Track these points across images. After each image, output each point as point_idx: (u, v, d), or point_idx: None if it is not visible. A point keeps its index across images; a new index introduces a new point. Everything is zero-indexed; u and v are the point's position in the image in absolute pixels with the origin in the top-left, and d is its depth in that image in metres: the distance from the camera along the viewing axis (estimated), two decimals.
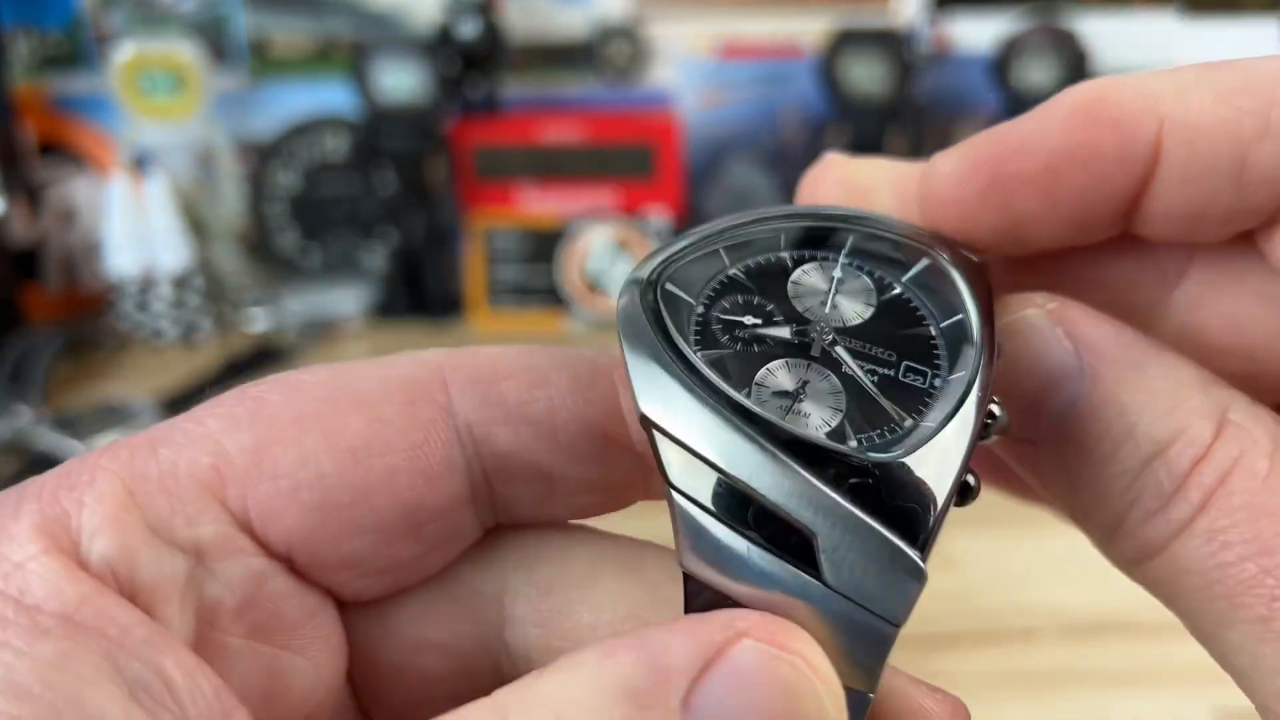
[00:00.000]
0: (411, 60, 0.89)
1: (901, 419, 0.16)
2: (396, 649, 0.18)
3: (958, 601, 0.52)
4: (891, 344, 0.18)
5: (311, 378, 0.17)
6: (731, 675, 0.14)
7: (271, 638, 0.17)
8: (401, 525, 0.17)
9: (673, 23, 1.01)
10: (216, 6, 0.99)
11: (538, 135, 0.92)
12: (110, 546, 0.15)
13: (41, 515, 0.15)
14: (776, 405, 0.16)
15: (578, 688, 0.14)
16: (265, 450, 0.16)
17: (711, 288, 0.17)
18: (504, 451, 0.18)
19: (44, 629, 0.13)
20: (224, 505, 0.16)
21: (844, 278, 0.18)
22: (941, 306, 0.18)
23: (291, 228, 1.00)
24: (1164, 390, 0.17)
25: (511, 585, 0.18)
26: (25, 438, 0.70)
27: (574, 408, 0.18)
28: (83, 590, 0.14)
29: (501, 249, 0.95)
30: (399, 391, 0.17)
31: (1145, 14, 1.00)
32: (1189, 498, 0.16)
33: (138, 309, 0.90)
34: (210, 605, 0.16)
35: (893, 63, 0.92)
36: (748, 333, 0.17)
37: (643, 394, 0.16)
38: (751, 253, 0.18)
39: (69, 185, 0.96)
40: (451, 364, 0.18)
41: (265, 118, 1.00)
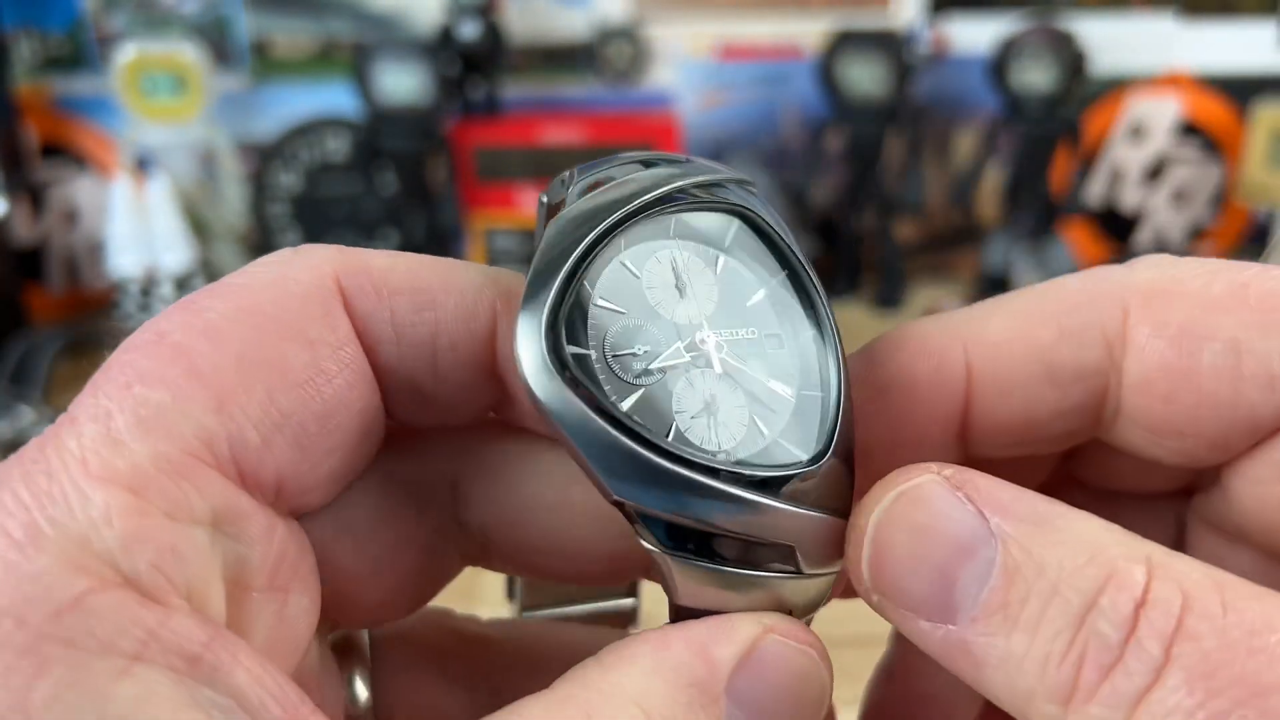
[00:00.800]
0: (412, 61, 0.89)
1: (786, 392, 0.19)
2: (370, 556, 0.20)
3: None
4: (746, 319, 0.19)
5: (219, 312, 0.17)
6: (762, 664, 0.17)
7: (279, 583, 0.17)
8: (358, 433, 0.18)
9: (672, 24, 1.01)
10: (218, 8, 0.99)
11: (538, 136, 0.92)
12: (150, 556, 0.15)
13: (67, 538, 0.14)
14: (702, 426, 0.18)
15: (646, 677, 0.16)
16: (229, 403, 0.16)
17: (594, 328, 0.18)
18: (382, 365, 0.19)
19: (120, 670, 0.14)
20: (215, 468, 0.16)
21: (682, 267, 0.19)
22: (763, 262, 0.20)
23: (293, 228, 1.00)
24: (1079, 542, 0.16)
25: (460, 470, 0.20)
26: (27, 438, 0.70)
27: (454, 334, 0.19)
28: (147, 625, 0.14)
29: (502, 249, 0.95)
30: (311, 306, 0.18)
31: (1143, 15, 1.01)
32: (1146, 647, 0.15)
33: (140, 309, 0.90)
34: (234, 568, 0.16)
35: (892, 64, 0.92)
36: (643, 363, 0.18)
37: (611, 483, 0.17)
38: (600, 270, 0.18)
39: (71, 186, 0.97)
40: (345, 270, 0.18)
41: (267, 118, 1.00)
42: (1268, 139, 0.97)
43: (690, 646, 0.17)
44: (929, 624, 0.17)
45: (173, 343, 0.16)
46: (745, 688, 0.17)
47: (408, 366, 0.19)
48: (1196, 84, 1.02)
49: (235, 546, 0.16)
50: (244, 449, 0.16)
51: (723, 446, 0.18)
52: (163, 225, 0.88)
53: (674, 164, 0.20)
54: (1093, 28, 0.97)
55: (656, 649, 0.17)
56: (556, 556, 0.21)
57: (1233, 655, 0.14)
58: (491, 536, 0.21)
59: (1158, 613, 0.15)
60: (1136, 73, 1.02)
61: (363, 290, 0.18)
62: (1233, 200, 1.02)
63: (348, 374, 0.18)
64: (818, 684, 0.18)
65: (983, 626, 0.16)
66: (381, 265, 0.19)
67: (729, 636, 0.17)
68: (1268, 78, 1.01)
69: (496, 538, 0.21)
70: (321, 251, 0.18)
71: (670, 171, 0.20)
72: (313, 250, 0.18)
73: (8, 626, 0.13)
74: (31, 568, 0.14)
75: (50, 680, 0.13)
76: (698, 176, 0.20)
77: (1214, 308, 0.18)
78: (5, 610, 0.13)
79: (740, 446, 0.18)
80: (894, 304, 0.97)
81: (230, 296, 0.17)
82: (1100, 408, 0.20)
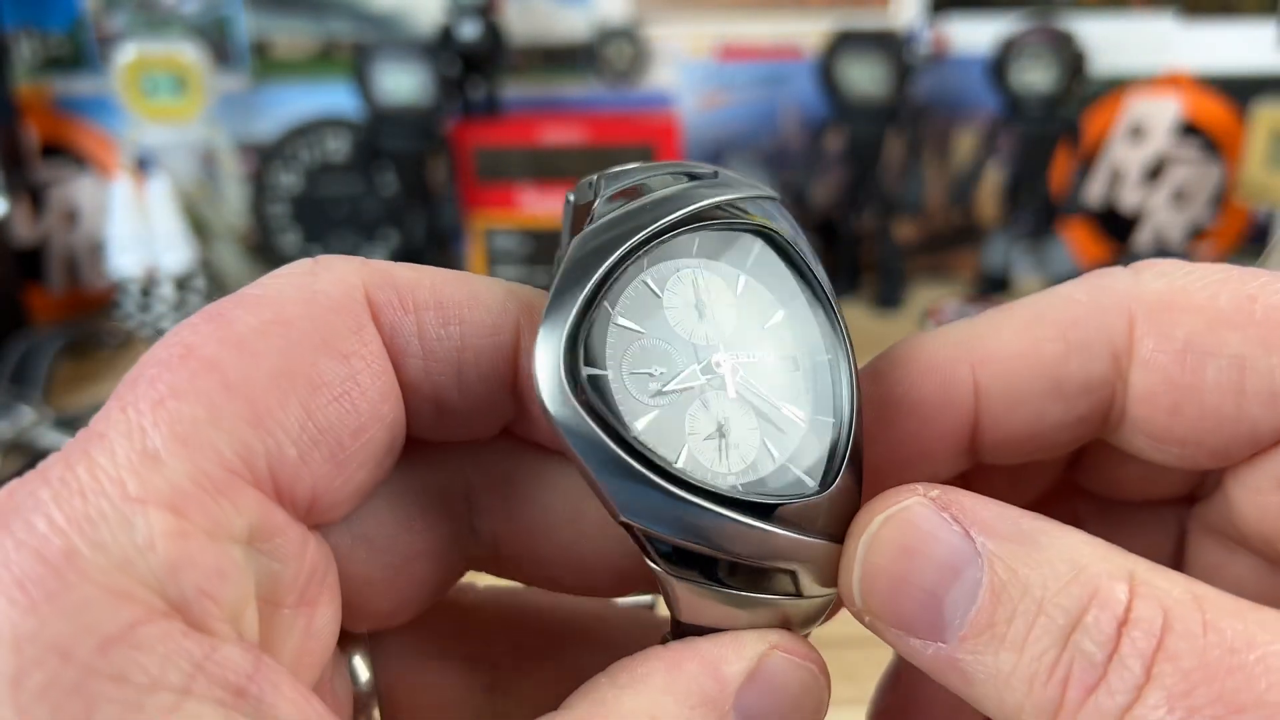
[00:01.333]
0: (413, 61, 0.89)
1: (800, 417, 0.19)
2: (386, 565, 0.20)
3: None
4: (764, 341, 0.19)
5: (249, 325, 0.16)
6: (767, 680, 0.18)
7: (308, 597, 0.17)
8: (386, 446, 0.18)
9: (672, 24, 1.01)
10: (218, 8, 0.99)
11: (538, 136, 0.92)
12: (197, 581, 0.14)
13: (110, 565, 0.14)
14: (713, 449, 0.18)
15: (659, 696, 0.17)
16: (266, 418, 0.16)
17: (612, 347, 0.18)
18: (407, 380, 0.18)
19: (170, 707, 0.13)
20: (253, 484, 0.16)
21: (703, 288, 0.19)
22: (784, 285, 0.20)
23: (293, 228, 1.00)
24: (1063, 559, 0.16)
25: (475, 481, 0.21)
26: (27, 438, 0.70)
27: (480, 348, 0.19)
28: (195, 657, 0.14)
29: (502, 249, 0.96)
30: (343, 319, 0.17)
31: (1143, 16, 1.01)
32: (1128, 665, 0.15)
33: (140, 309, 0.90)
34: (267, 586, 0.16)
35: (891, 64, 0.92)
36: (659, 384, 0.18)
37: (620, 505, 0.17)
38: (621, 289, 0.19)
39: (72, 186, 0.97)
40: (373, 283, 0.18)
41: (267, 119, 1.00)
42: (1267, 139, 0.97)
43: (702, 665, 0.17)
44: (920, 642, 0.17)
45: (203, 356, 0.16)
46: (751, 702, 0.17)
47: (433, 381, 0.19)
48: (1196, 84, 1.02)
49: (269, 564, 0.16)
50: (281, 464, 0.16)
51: (733, 469, 0.18)
52: (163, 225, 0.88)
53: (702, 179, 0.20)
54: (1092, 28, 0.97)
55: (669, 668, 0.17)
56: (566, 569, 0.21)
57: (1211, 674, 0.15)
58: (502, 547, 0.21)
59: (1139, 631, 0.15)
60: (1136, 73, 1.02)
61: (391, 304, 0.18)
62: (1232, 200, 1.02)
63: (380, 386, 0.18)
64: (817, 697, 0.18)
65: (971, 645, 0.16)
66: (408, 279, 0.18)
67: (738, 654, 0.18)
68: (1267, 78, 1.01)
69: (507, 549, 0.21)
70: (346, 264, 0.18)
71: (698, 187, 0.20)
72: (336, 262, 0.18)
73: (54, 664, 0.13)
74: (75, 597, 0.13)
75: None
76: (725, 193, 0.20)
77: (1220, 322, 0.18)
78: (51, 645, 0.13)
79: (750, 470, 0.18)
80: (894, 304, 0.97)
81: (258, 308, 0.17)
82: (1105, 417, 0.20)
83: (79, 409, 0.74)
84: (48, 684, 0.13)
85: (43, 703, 0.12)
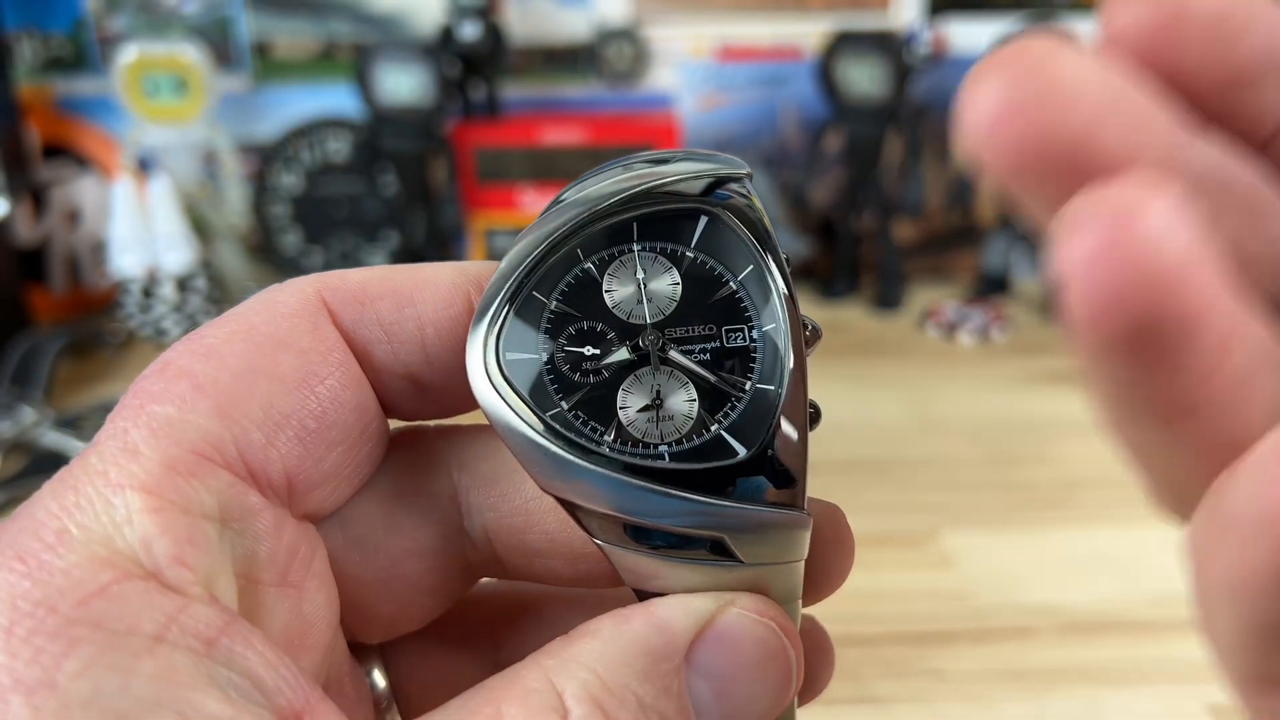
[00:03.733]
0: (413, 62, 0.89)
1: (740, 386, 0.19)
2: (382, 566, 0.21)
3: (954, 600, 0.53)
4: (707, 315, 0.20)
5: (217, 337, 0.19)
6: (722, 636, 0.18)
7: (291, 580, 0.18)
8: (358, 430, 0.20)
9: (672, 25, 1.01)
10: (220, 9, 1.00)
11: (538, 137, 0.92)
12: (169, 549, 0.16)
13: (93, 539, 0.16)
14: (645, 421, 0.19)
15: (604, 646, 0.18)
16: (231, 409, 0.18)
17: (547, 332, 0.20)
18: (379, 364, 0.20)
19: (144, 649, 0.15)
20: (225, 467, 0.18)
21: (645, 268, 0.20)
22: (732, 257, 0.20)
23: (294, 229, 1.00)
24: None
25: (461, 483, 0.22)
26: (29, 438, 0.71)
27: (438, 322, 0.20)
28: (167, 610, 0.15)
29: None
30: (300, 321, 0.19)
31: None
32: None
33: (141, 309, 0.90)
34: (244, 563, 0.18)
35: (891, 65, 0.92)
36: (593, 363, 0.19)
37: (543, 481, 0.19)
38: (559, 275, 0.20)
39: (73, 186, 0.97)
40: (326, 288, 0.20)
41: (268, 119, 1.00)
42: None
43: (648, 620, 0.18)
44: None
45: (177, 366, 0.18)
46: (707, 658, 0.18)
47: (403, 360, 0.20)
48: None
49: (242, 541, 0.18)
50: (250, 448, 0.18)
51: (665, 439, 0.19)
52: (164, 226, 0.89)
53: (656, 163, 0.21)
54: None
55: (617, 622, 0.18)
56: (559, 559, 0.22)
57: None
58: (495, 544, 0.22)
59: None
60: None
61: (345, 302, 0.20)
62: None
63: (339, 375, 0.19)
64: (781, 655, 0.19)
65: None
66: (358, 279, 0.20)
67: (685, 611, 0.18)
68: None
69: (499, 545, 0.22)
70: (303, 278, 0.20)
71: (642, 172, 0.20)
72: (296, 279, 0.20)
73: (40, 614, 0.15)
74: (61, 564, 0.15)
75: (78, 657, 0.14)
76: (675, 175, 0.20)
77: None
78: (39, 601, 0.15)
79: (684, 440, 0.19)
80: (893, 305, 0.97)
81: (225, 324, 0.19)
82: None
83: (80, 409, 0.74)
84: (33, 630, 0.14)
85: (28, 645, 0.14)
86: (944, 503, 0.62)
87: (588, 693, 0.17)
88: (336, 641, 0.20)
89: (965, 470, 0.66)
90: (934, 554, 0.57)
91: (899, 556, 0.57)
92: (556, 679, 0.17)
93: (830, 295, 0.99)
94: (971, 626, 0.50)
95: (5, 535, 0.16)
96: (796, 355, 0.20)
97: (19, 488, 0.64)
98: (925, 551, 0.57)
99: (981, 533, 0.58)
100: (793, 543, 0.19)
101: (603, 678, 0.17)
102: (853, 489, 0.64)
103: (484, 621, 0.24)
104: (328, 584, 0.20)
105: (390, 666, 0.23)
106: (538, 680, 0.17)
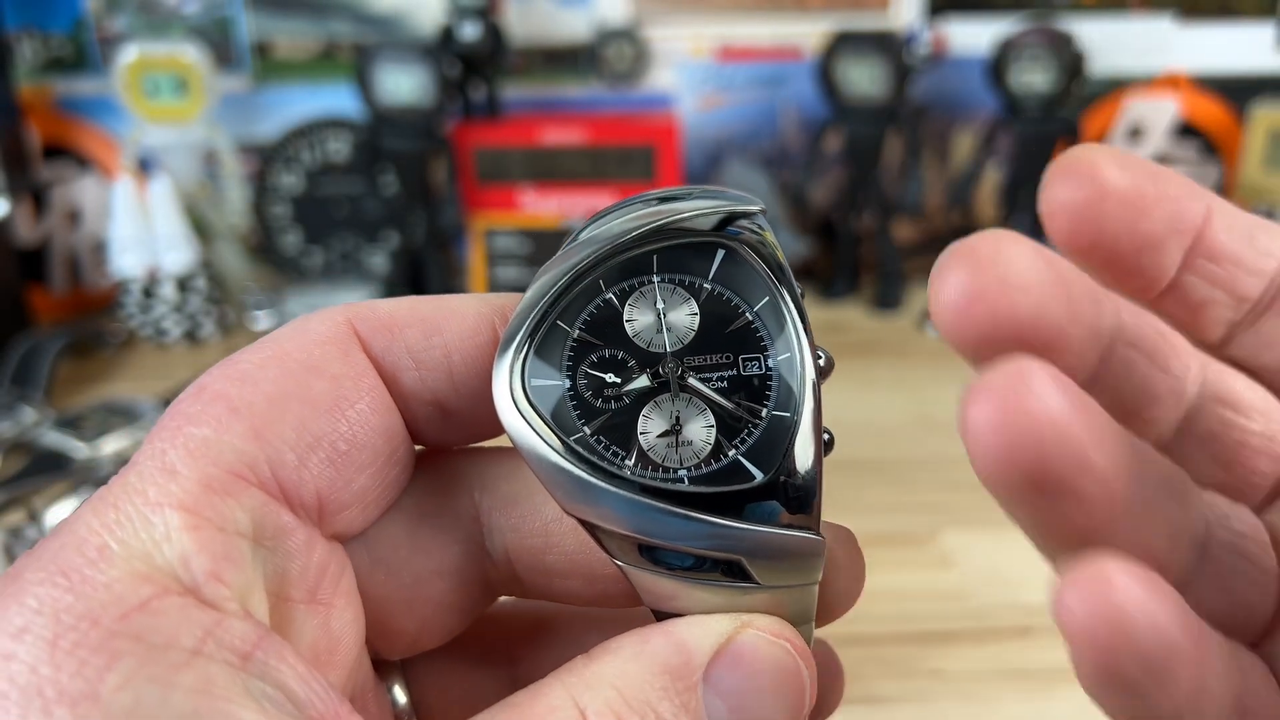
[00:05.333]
0: (413, 63, 0.89)
1: (756, 413, 0.20)
2: (406, 585, 0.22)
3: (955, 600, 0.53)
4: (724, 344, 0.21)
5: (251, 362, 0.19)
6: (739, 656, 0.19)
7: (320, 597, 0.19)
8: (386, 453, 0.20)
9: (672, 25, 1.01)
10: (220, 9, 1.00)
11: (539, 137, 0.92)
12: (206, 566, 0.17)
13: (133, 555, 0.16)
14: (665, 447, 0.20)
15: (625, 665, 0.18)
16: (265, 431, 0.18)
17: (570, 360, 0.20)
18: (407, 391, 0.21)
19: (182, 662, 0.15)
20: (259, 487, 0.18)
21: (664, 299, 0.21)
22: (748, 289, 0.21)
23: (294, 229, 1.01)
24: None
25: (483, 504, 0.22)
26: (30, 438, 0.71)
27: (464, 351, 0.21)
28: (205, 624, 0.16)
29: (502, 250, 0.96)
30: (331, 348, 0.20)
31: (1141, 17, 1.01)
32: None
33: (141, 310, 0.91)
34: (276, 580, 0.18)
35: (891, 65, 0.92)
36: (614, 390, 0.20)
37: (566, 504, 0.19)
38: (582, 305, 0.21)
39: (73, 186, 0.97)
40: (356, 317, 0.21)
41: (268, 119, 1.00)
42: (1265, 140, 0.97)
43: (668, 639, 0.19)
44: None
45: (213, 390, 0.19)
46: (723, 678, 0.18)
47: (429, 387, 0.21)
48: (1195, 85, 1.02)
49: (275, 558, 0.18)
50: (283, 468, 0.18)
51: (685, 464, 0.19)
52: (164, 226, 0.89)
53: (672, 200, 0.22)
54: (1091, 29, 0.97)
55: (637, 642, 0.19)
56: (578, 580, 0.22)
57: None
58: (515, 564, 0.22)
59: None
60: (1135, 74, 1.02)
61: (375, 330, 0.21)
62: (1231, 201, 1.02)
63: (369, 399, 0.20)
64: (795, 677, 0.19)
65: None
66: (387, 309, 0.21)
67: (704, 630, 0.19)
68: (1265, 79, 1.02)
69: (520, 565, 0.22)
70: (334, 308, 0.21)
71: (663, 208, 0.21)
72: (326, 309, 0.21)
73: (84, 628, 0.15)
74: (103, 579, 0.16)
75: (120, 670, 0.15)
76: (691, 210, 0.21)
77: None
78: (82, 615, 0.15)
79: (702, 465, 0.20)
80: (893, 305, 0.97)
81: (259, 349, 0.20)
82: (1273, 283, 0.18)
83: (80, 409, 0.74)
84: (77, 643, 0.15)
85: (72, 657, 0.15)
86: (944, 503, 0.62)
87: (610, 709, 0.18)
88: (361, 658, 0.21)
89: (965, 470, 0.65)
90: (934, 554, 0.57)
91: (899, 556, 0.57)
92: (579, 696, 0.18)
93: (830, 295, 0.99)
94: (971, 626, 0.50)
95: (48, 551, 0.16)
96: (811, 384, 0.20)
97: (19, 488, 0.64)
98: (925, 551, 0.57)
99: (981, 533, 0.58)
100: (808, 565, 0.20)
101: (624, 694, 0.18)
102: (853, 489, 0.64)
103: (502, 639, 0.25)
104: (355, 602, 0.20)
105: (411, 683, 0.23)
106: (560, 698, 0.18)
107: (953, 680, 0.47)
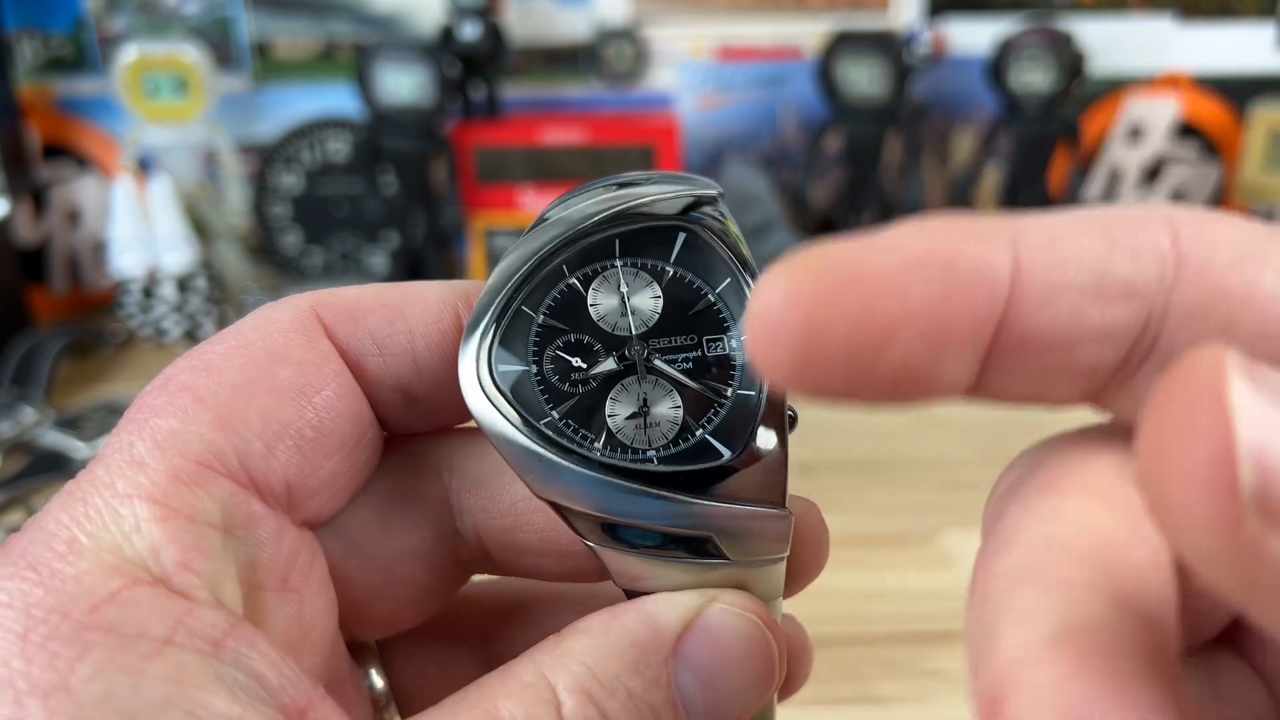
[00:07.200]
0: (413, 63, 0.89)
1: (722, 393, 0.20)
2: (379, 569, 0.22)
3: (954, 600, 0.53)
4: (688, 326, 0.21)
5: (216, 352, 0.19)
6: (708, 630, 0.19)
7: (292, 584, 0.19)
8: (353, 439, 0.20)
9: (672, 25, 1.01)
10: (220, 9, 1.00)
11: (538, 137, 0.92)
12: (175, 556, 0.17)
13: (102, 548, 0.16)
14: (633, 428, 0.20)
15: (595, 641, 0.18)
16: (232, 421, 0.18)
17: (534, 345, 0.20)
18: (371, 376, 0.21)
19: (153, 651, 0.15)
20: (227, 476, 0.18)
21: (628, 282, 0.21)
22: (709, 272, 0.21)
23: (294, 229, 1.01)
24: None
25: (452, 485, 0.22)
26: (29, 438, 0.71)
27: (428, 336, 0.21)
28: (175, 614, 0.16)
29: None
30: (295, 336, 0.20)
31: (1141, 17, 1.01)
32: None
33: (141, 310, 0.91)
34: (247, 569, 0.18)
35: (890, 65, 0.92)
36: (581, 374, 0.20)
37: (536, 487, 0.19)
38: (546, 290, 0.21)
39: (73, 186, 0.97)
40: (320, 304, 0.21)
41: (268, 119, 1.00)
42: (1265, 140, 0.97)
43: (637, 615, 0.19)
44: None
45: (178, 381, 0.19)
46: (692, 652, 0.19)
47: (394, 373, 0.21)
48: (1195, 85, 1.02)
49: (245, 547, 0.18)
50: (250, 457, 0.18)
51: (653, 445, 0.20)
52: (164, 226, 0.89)
53: (634, 185, 0.22)
54: (1091, 29, 0.97)
55: (608, 619, 0.19)
56: (548, 557, 0.22)
57: None
58: (486, 543, 0.22)
59: None
60: (1135, 74, 1.02)
61: (339, 317, 0.21)
62: (1231, 201, 1.02)
63: (334, 385, 0.20)
64: (765, 649, 0.19)
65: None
66: (351, 295, 0.21)
67: (671, 606, 0.19)
68: (1266, 79, 1.02)
69: (490, 544, 0.22)
70: (298, 295, 0.21)
71: (625, 192, 0.21)
72: (290, 296, 0.21)
73: (54, 620, 0.15)
74: (73, 572, 0.16)
75: (91, 661, 0.15)
76: (652, 195, 0.21)
77: (1266, 235, 0.16)
78: (52, 608, 0.15)
79: (670, 445, 0.20)
80: None
81: (224, 340, 0.20)
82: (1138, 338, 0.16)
83: (81, 409, 0.74)
84: (48, 636, 0.15)
85: (43, 650, 0.15)
86: (944, 503, 0.62)
87: (580, 685, 0.18)
88: (336, 643, 0.21)
89: (965, 470, 0.66)
90: (934, 554, 0.57)
91: (899, 556, 0.57)
92: (550, 673, 0.18)
93: None
94: None
95: (17, 546, 0.16)
96: None
97: (19, 488, 0.64)
98: (925, 551, 0.57)
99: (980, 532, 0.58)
100: (775, 540, 0.20)
101: (594, 670, 0.18)
102: (853, 489, 0.64)
103: (477, 621, 0.25)
104: (327, 588, 0.20)
105: (387, 666, 0.24)
106: (532, 674, 0.18)
107: (953, 680, 0.47)
